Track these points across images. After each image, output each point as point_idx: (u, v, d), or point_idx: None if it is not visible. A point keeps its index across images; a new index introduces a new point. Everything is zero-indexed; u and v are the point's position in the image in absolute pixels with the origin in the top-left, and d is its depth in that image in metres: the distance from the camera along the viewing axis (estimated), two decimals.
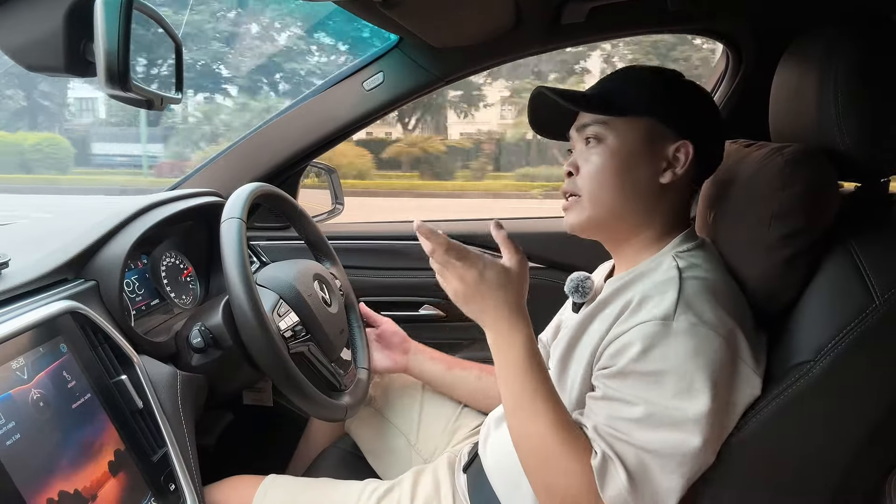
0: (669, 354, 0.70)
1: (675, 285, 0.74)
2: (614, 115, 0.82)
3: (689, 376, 0.69)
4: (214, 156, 1.50)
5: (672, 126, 0.82)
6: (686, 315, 0.71)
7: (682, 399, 0.69)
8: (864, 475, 0.77)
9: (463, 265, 0.79)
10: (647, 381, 0.71)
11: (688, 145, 0.81)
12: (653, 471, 0.71)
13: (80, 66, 0.67)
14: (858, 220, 0.77)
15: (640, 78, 0.85)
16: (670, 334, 0.70)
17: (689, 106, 0.84)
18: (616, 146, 0.82)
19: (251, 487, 1.00)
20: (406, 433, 1.21)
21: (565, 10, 1.27)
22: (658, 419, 0.70)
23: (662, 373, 0.70)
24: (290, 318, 1.00)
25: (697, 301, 0.72)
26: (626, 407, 0.72)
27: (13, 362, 0.69)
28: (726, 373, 0.71)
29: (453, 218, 1.78)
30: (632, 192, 0.82)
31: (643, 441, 0.71)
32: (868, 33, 0.76)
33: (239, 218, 0.94)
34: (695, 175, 0.84)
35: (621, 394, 0.73)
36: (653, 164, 0.82)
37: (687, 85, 0.86)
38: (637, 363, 0.71)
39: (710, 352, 0.70)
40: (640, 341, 0.71)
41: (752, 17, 1.35)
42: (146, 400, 0.85)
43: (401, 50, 1.38)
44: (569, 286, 0.92)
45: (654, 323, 0.71)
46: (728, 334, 0.72)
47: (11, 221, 1.22)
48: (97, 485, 0.72)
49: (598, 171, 0.82)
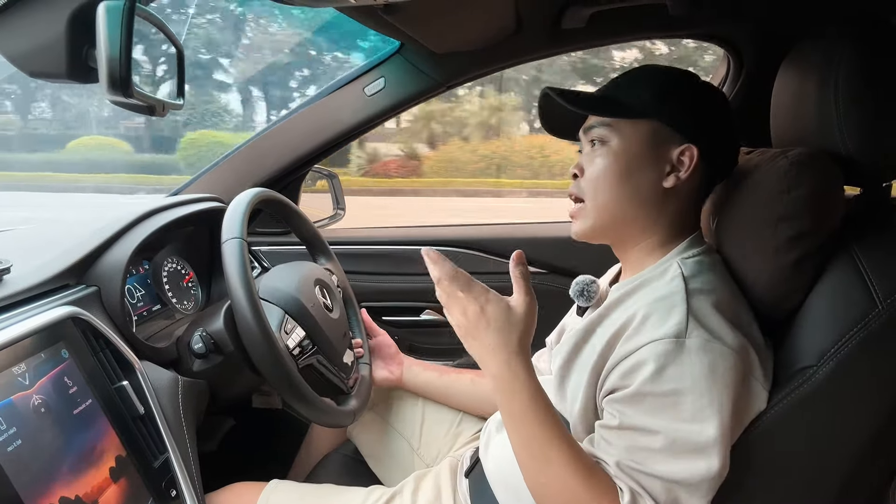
0: (685, 373, 0.68)
1: (682, 298, 0.72)
2: (618, 117, 0.81)
3: (707, 395, 0.68)
4: (216, 161, 1.50)
5: (677, 129, 0.80)
6: (699, 331, 0.69)
7: (700, 421, 0.68)
8: (867, 480, 0.77)
9: (466, 297, 0.74)
10: (663, 402, 0.69)
11: (692, 149, 0.79)
12: (682, 500, 0.69)
13: (82, 72, 0.68)
14: (861, 224, 0.77)
15: (650, 78, 0.83)
16: (684, 352, 0.69)
17: (696, 108, 0.82)
18: (619, 149, 0.81)
19: (253, 494, 1.00)
20: (408, 438, 1.21)
21: (566, 16, 1.27)
22: (680, 446, 0.68)
23: (679, 392, 0.68)
24: (296, 335, 1.01)
25: (707, 316, 0.71)
26: (645, 437, 0.70)
27: (15, 368, 0.69)
28: (739, 389, 0.70)
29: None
30: (634, 195, 0.81)
31: (669, 472, 0.69)
32: (869, 37, 0.76)
33: (239, 238, 0.94)
34: (704, 179, 0.83)
35: (639, 422, 0.70)
36: (656, 167, 0.80)
37: (698, 86, 0.84)
38: (652, 384, 0.69)
39: (726, 368, 0.69)
40: (653, 360, 0.69)
41: (752, 21, 1.35)
42: (147, 406, 0.85)
43: (402, 55, 1.39)
44: (574, 290, 0.91)
45: (666, 341, 0.69)
46: (741, 349, 0.70)
47: (13, 227, 1.22)
48: (98, 491, 0.72)
49: (601, 174, 0.82)
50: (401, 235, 1.63)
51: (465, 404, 1.20)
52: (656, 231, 0.83)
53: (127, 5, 0.63)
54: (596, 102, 0.83)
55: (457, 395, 1.20)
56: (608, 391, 0.74)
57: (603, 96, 0.84)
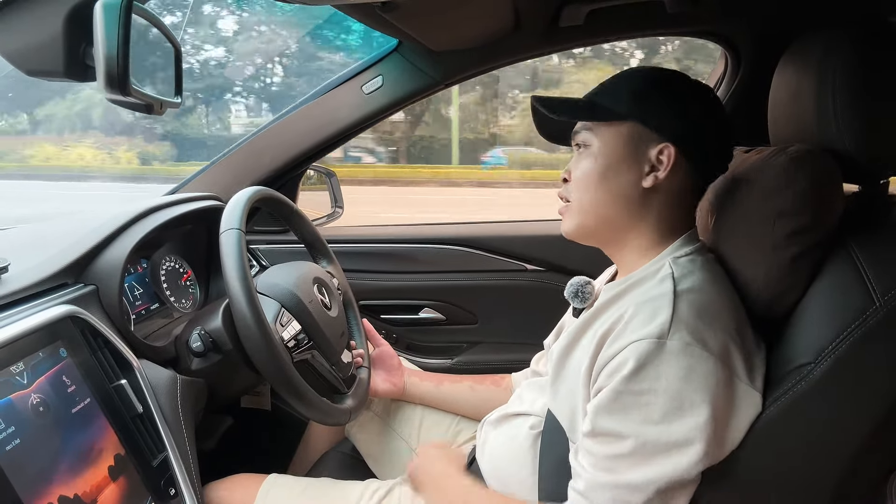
0: (661, 374, 0.69)
1: (669, 300, 0.73)
2: (595, 121, 0.82)
3: (680, 398, 0.69)
4: (214, 159, 1.50)
5: (654, 129, 0.80)
6: (680, 333, 0.70)
7: (670, 421, 0.69)
8: (865, 477, 0.77)
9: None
10: (635, 402, 0.70)
11: (670, 148, 0.79)
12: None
13: (79, 70, 0.68)
14: (858, 221, 0.77)
15: (630, 81, 0.84)
16: (664, 353, 0.69)
17: (677, 108, 0.81)
18: (599, 151, 0.82)
19: (254, 485, 1.00)
20: (406, 438, 1.21)
21: (563, 13, 1.27)
22: (650, 448, 0.70)
23: (652, 392, 0.69)
24: (292, 328, 1.00)
25: (692, 318, 0.71)
26: (616, 442, 0.71)
27: (13, 367, 0.68)
28: (723, 393, 0.70)
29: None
30: (615, 197, 0.81)
31: (640, 478, 0.70)
32: (866, 35, 0.76)
33: (238, 229, 0.94)
34: (690, 179, 0.82)
35: (610, 426, 0.72)
36: (635, 168, 0.80)
37: (680, 86, 0.83)
38: (629, 382, 0.70)
39: (704, 372, 0.69)
40: (633, 359, 0.70)
41: (750, 19, 1.35)
42: (146, 404, 0.85)
43: (400, 53, 1.39)
44: (569, 291, 0.91)
45: (648, 341, 0.70)
46: (723, 354, 0.71)
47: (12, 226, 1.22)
48: (97, 490, 0.72)
49: (584, 177, 0.83)
50: (399, 234, 1.63)
51: (464, 410, 1.20)
52: (642, 231, 0.83)
53: (124, 3, 0.63)
54: (576, 108, 0.85)
55: (455, 403, 1.20)
56: (595, 392, 0.75)
57: (587, 101, 0.85)
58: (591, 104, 0.84)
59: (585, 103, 0.85)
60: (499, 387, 1.18)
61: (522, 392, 1.00)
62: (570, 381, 0.81)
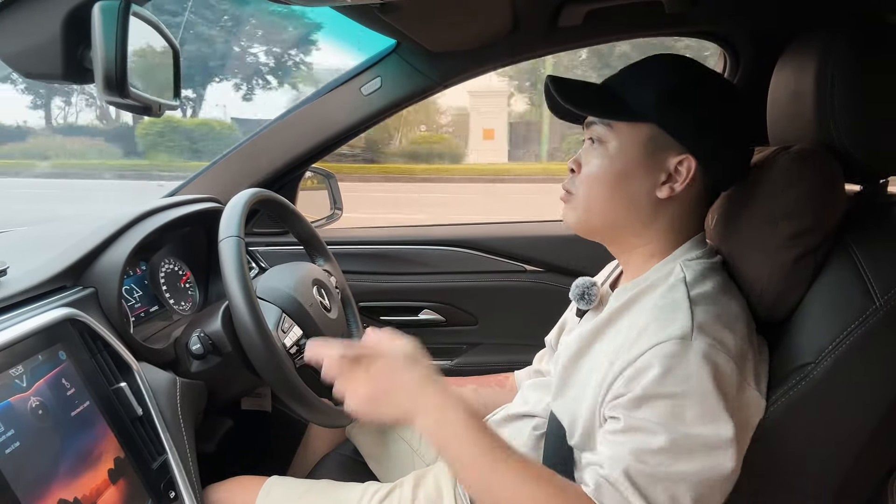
0: (691, 375, 0.67)
1: (686, 305, 0.71)
2: (615, 119, 0.77)
3: (708, 399, 0.66)
4: (213, 161, 1.50)
5: (677, 137, 0.74)
6: (703, 336, 0.68)
7: (704, 424, 0.66)
8: (866, 476, 0.77)
9: (364, 366, 0.72)
10: (667, 404, 0.67)
11: (691, 160, 0.74)
12: (687, 500, 0.67)
13: (77, 72, 0.67)
14: (858, 221, 0.77)
15: (660, 76, 0.77)
16: (690, 354, 0.67)
17: (703, 115, 0.75)
18: (616, 153, 0.77)
19: (254, 487, 1.00)
20: (408, 439, 1.20)
21: (562, 14, 1.27)
22: (687, 446, 0.66)
23: (683, 395, 0.66)
24: (294, 333, 1.00)
25: (710, 322, 0.70)
26: (651, 437, 0.67)
27: (12, 370, 0.68)
28: (736, 395, 0.69)
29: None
30: (626, 203, 0.78)
31: (678, 472, 0.67)
32: (864, 35, 0.76)
33: (236, 236, 0.94)
34: (705, 188, 0.78)
35: (644, 423, 0.68)
36: (650, 176, 0.76)
37: (712, 90, 0.77)
38: (658, 386, 0.67)
39: (726, 375, 0.68)
40: (658, 363, 0.67)
41: (749, 19, 1.35)
42: (146, 407, 0.85)
43: (398, 54, 1.39)
44: (574, 292, 0.89)
45: (672, 342, 0.67)
46: (739, 358, 0.70)
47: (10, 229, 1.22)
48: (97, 493, 0.72)
49: (595, 177, 0.78)
50: (398, 235, 1.63)
51: None
52: (651, 238, 0.80)
53: (122, 5, 0.63)
54: (596, 100, 0.80)
55: None
56: (612, 398, 0.72)
57: (607, 92, 0.80)
58: (612, 96, 0.78)
59: (605, 94, 0.79)
60: (503, 388, 1.17)
61: (527, 392, 1.00)
62: (577, 390, 0.80)
